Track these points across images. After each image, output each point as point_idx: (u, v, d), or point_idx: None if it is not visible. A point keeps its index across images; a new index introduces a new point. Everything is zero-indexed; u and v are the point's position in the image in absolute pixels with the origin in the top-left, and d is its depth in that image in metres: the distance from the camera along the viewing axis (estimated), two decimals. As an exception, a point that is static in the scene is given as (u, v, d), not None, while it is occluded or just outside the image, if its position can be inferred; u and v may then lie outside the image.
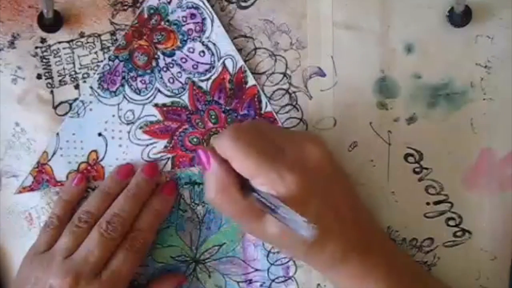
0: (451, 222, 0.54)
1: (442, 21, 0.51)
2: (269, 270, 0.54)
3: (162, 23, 0.51)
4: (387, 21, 0.51)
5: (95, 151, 0.52)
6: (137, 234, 0.49)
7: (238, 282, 0.54)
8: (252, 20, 0.52)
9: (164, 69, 0.52)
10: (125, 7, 0.51)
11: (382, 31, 0.52)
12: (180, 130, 0.52)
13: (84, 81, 0.52)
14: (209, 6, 0.51)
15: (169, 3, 0.51)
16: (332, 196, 0.47)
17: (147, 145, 0.52)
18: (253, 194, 0.44)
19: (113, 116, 0.52)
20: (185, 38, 0.52)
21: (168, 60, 0.52)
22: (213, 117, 0.52)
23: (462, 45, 0.52)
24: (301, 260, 0.53)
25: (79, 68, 0.52)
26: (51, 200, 0.52)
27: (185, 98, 0.52)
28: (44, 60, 0.51)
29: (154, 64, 0.52)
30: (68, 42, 0.51)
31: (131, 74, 0.52)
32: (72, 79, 0.52)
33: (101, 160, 0.52)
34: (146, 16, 0.51)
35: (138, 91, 0.52)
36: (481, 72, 0.52)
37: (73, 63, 0.52)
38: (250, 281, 0.54)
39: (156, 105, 0.52)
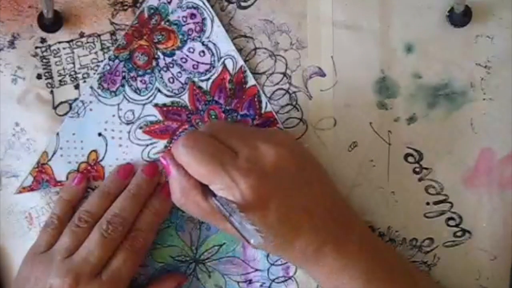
0: (451, 222, 0.54)
1: (442, 21, 0.51)
2: (269, 270, 0.54)
3: (162, 23, 0.51)
4: (387, 21, 0.51)
5: (95, 151, 0.52)
6: (137, 234, 0.49)
7: (238, 282, 0.54)
8: (252, 20, 0.52)
9: (164, 69, 0.52)
10: (125, 7, 0.51)
11: (382, 31, 0.52)
12: (180, 130, 0.52)
13: (84, 81, 0.52)
14: (209, 6, 0.51)
15: (169, 3, 0.51)
16: (297, 195, 0.47)
17: (147, 145, 0.52)
18: (213, 198, 0.45)
19: (113, 116, 0.52)
20: (185, 38, 0.52)
21: (168, 60, 0.52)
22: (213, 117, 0.52)
23: (462, 45, 0.52)
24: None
25: (79, 68, 0.52)
26: (51, 200, 0.52)
27: (185, 98, 0.52)
28: (44, 60, 0.51)
29: (154, 64, 0.52)
30: (68, 42, 0.51)
31: (131, 74, 0.52)
32: (72, 79, 0.52)
33: (101, 160, 0.52)
34: (146, 16, 0.51)
35: (138, 91, 0.52)
36: (481, 72, 0.52)
37: (73, 63, 0.52)
38: (250, 281, 0.54)
39: (156, 105, 0.52)
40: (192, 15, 0.51)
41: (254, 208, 0.45)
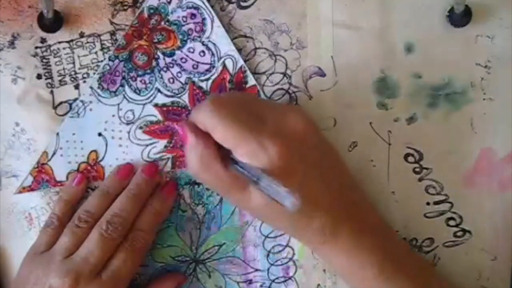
0: (451, 222, 0.54)
1: (442, 21, 0.51)
2: (269, 270, 0.54)
3: (162, 23, 0.51)
4: (387, 21, 0.51)
5: (95, 151, 0.52)
6: (137, 234, 0.49)
7: (238, 282, 0.54)
8: (252, 20, 0.52)
9: (164, 69, 0.52)
10: (125, 7, 0.51)
11: (382, 31, 0.52)
12: (180, 130, 0.52)
13: (84, 81, 0.52)
14: (209, 6, 0.51)
15: (169, 3, 0.51)
16: (319, 167, 0.46)
17: (147, 145, 0.52)
18: (235, 166, 0.43)
19: (113, 116, 0.52)
20: (185, 38, 0.52)
21: (168, 60, 0.52)
22: (213, 117, 0.52)
23: (462, 45, 0.52)
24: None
25: (79, 68, 0.52)
26: (51, 200, 0.52)
27: (185, 98, 0.52)
28: (44, 60, 0.51)
29: (154, 64, 0.52)
30: (68, 42, 0.51)
31: (131, 74, 0.52)
32: (72, 79, 0.52)
33: (101, 160, 0.52)
34: (146, 16, 0.51)
35: (138, 91, 0.52)
36: (481, 72, 0.52)
37: (73, 63, 0.52)
38: (250, 281, 0.54)
39: (156, 105, 0.52)
40: (192, 15, 0.51)
41: (279, 174, 0.43)
